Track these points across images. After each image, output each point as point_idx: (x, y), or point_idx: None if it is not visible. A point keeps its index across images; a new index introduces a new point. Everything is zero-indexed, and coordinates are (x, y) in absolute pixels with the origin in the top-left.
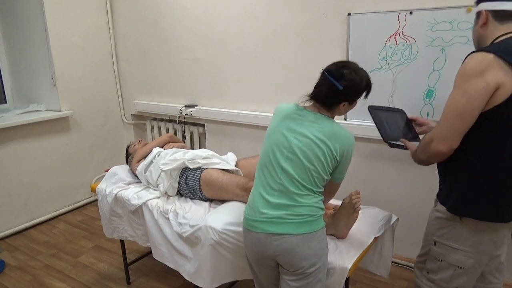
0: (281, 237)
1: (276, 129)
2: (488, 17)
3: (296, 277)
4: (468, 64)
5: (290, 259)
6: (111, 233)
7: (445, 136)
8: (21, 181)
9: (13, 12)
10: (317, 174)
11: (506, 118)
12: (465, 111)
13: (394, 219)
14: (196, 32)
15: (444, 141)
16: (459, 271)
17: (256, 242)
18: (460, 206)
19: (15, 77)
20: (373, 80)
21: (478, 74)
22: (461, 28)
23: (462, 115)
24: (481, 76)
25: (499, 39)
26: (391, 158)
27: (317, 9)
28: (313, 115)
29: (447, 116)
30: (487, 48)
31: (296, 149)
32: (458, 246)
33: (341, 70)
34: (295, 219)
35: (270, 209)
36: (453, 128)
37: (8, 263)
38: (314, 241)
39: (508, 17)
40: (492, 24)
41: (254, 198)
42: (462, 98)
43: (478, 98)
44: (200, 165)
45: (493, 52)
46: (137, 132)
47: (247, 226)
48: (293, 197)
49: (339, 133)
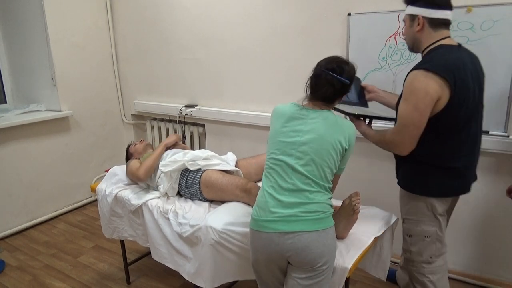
0: (295, 235)
1: (280, 130)
2: (424, 23)
3: (307, 275)
4: (415, 83)
5: (304, 257)
6: (111, 234)
7: (406, 144)
8: (21, 181)
9: (13, 12)
10: (328, 169)
11: (444, 122)
12: (420, 122)
13: (394, 219)
14: (196, 32)
15: (405, 147)
16: (427, 241)
17: (268, 242)
18: (414, 187)
19: (15, 77)
20: (373, 80)
21: (424, 92)
22: (461, 28)
23: (417, 125)
24: (427, 93)
25: (433, 46)
26: (391, 158)
27: (317, 9)
28: (314, 112)
29: (406, 125)
30: (425, 66)
31: (306, 148)
32: (419, 217)
33: (341, 66)
34: (308, 216)
35: (282, 208)
36: (412, 136)
37: (8, 263)
38: (328, 238)
39: (441, 25)
40: (428, 30)
41: (263, 199)
42: (416, 112)
43: (427, 110)
44: (200, 166)
45: (431, 70)
46: (137, 132)
47: (256, 227)
48: (305, 195)
49: (343, 124)
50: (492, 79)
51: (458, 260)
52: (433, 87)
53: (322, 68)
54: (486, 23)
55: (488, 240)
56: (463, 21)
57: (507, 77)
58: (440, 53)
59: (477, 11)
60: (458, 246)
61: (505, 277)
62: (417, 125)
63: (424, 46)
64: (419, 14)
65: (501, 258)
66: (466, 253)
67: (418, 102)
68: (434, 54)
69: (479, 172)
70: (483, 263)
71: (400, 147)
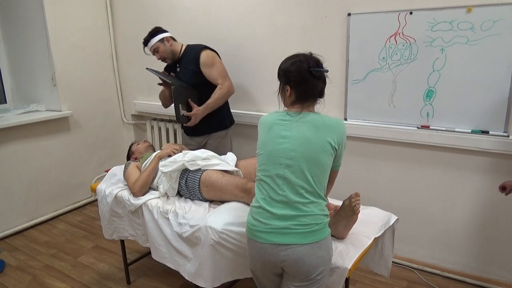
0: (288, 247)
1: (267, 140)
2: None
3: (302, 284)
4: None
5: (298, 268)
6: (111, 234)
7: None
8: (21, 181)
9: (13, 12)
10: (321, 172)
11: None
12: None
13: (394, 219)
14: (196, 32)
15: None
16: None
17: (262, 252)
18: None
19: (15, 77)
20: (373, 80)
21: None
22: (461, 28)
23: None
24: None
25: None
26: (391, 158)
27: (317, 9)
28: (298, 115)
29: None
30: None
31: (294, 154)
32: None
33: (315, 59)
34: (300, 229)
35: (274, 220)
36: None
37: (8, 263)
38: (322, 250)
39: None
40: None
41: (256, 210)
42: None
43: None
44: (200, 166)
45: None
46: (137, 132)
47: (251, 236)
48: (297, 207)
49: (331, 123)
50: (492, 79)
51: (458, 260)
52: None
53: (306, 69)
54: (486, 23)
55: (488, 240)
56: (463, 21)
57: (507, 77)
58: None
59: (477, 11)
60: (458, 246)
61: (505, 277)
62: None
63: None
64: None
65: (501, 258)
66: (466, 253)
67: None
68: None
69: (479, 172)
70: (483, 263)
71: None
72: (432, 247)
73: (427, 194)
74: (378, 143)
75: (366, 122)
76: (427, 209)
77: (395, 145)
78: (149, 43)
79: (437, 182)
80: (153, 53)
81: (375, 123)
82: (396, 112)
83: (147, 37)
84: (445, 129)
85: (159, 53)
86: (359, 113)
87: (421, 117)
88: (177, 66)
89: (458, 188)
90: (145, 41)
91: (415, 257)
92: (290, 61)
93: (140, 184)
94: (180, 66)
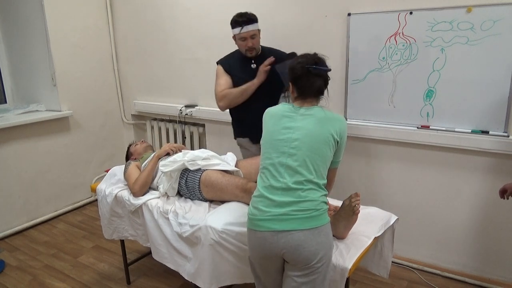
0: (288, 233)
1: (272, 130)
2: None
3: (303, 273)
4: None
5: (298, 255)
6: (111, 234)
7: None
8: (21, 181)
9: (13, 12)
10: (322, 164)
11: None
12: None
13: (394, 219)
14: (196, 32)
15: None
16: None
17: (262, 241)
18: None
19: (15, 77)
20: (373, 80)
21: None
22: (461, 28)
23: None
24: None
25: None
26: (391, 158)
27: (317, 9)
28: (304, 109)
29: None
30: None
31: (298, 143)
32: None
33: (315, 58)
34: (300, 215)
35: (274, 207)
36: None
37: (8, 263)
38: (321, 235)
39: None
40: None
41: (257, 199)
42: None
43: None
44: (200, 166)
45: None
46: (137, 132)
47: (251, 226)
48: (297, 193)
49: (333, 117)
50: (492, 79)
51: (458, 260)
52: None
53: (303, 66)
54: (486, 23)
55: (488, 240)
56: (463, 21)
57: (507, 77)
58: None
59: (477, 11)
60: (458, 246)
61: (505, 277)
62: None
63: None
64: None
65: (501, 258)
66: (466, 253)
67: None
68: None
69: (479, 172)
70: (483, 263)
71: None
72: (432, 247)
73: (427, 194)
74: (378, 143)
75: (366, 122)
76: (427, 209)
77: (395, 145)
78: (252, 24)
79: (437, 182)
80: (247, 37)
81: (375, 123)
82: (396, 112)
83: (251, 16)
84: (445, 129)
85: (254, 40)
86: (359, 113)
87: (421, 117)
88: (253, 62)
89: (458, 188)
90: (248, 20)
91: (415, 257)
92: (297, 59)
93: (140, 184)
94: (256, 63)
